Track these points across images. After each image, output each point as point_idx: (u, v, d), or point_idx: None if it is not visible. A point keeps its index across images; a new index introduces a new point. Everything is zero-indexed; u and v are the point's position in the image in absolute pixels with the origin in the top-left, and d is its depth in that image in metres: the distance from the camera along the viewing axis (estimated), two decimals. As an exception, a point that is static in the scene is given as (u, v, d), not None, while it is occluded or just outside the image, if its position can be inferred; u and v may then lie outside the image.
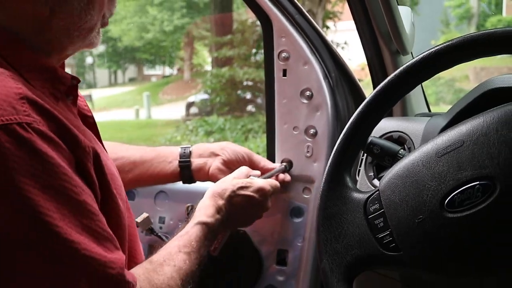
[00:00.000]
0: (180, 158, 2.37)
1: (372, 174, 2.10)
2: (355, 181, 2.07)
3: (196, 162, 2.37)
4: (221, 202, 2.09)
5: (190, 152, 2.39)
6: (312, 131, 2.42)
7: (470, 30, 27.45)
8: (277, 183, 2.31)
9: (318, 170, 2.42)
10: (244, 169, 2.27)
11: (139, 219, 2.48)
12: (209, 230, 1.98)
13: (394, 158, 1.77)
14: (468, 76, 22.09)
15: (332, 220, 1.57)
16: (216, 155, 2.38)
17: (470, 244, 1.38)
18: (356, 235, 1.53)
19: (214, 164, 2.35)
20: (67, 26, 1.57)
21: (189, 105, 26.61)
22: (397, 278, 1.96)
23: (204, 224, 1.97)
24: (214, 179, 2.34)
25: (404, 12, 2.27)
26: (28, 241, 1.31)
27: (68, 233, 1.34)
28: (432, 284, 1.83)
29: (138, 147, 2.45)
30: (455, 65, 1.51)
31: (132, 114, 29.57)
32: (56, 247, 1.33)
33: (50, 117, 1.40)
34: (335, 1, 19.40)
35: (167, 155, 2.39)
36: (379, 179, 2.06)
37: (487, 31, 1.43)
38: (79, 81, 1.68)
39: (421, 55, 1.51)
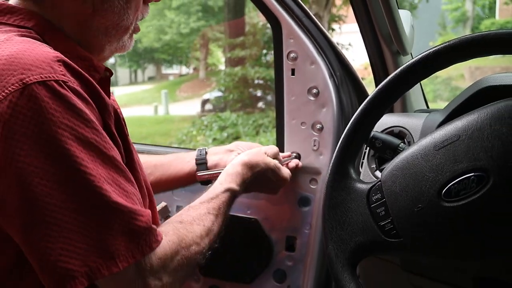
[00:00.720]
0: (196, 157, 2.35)
1: (374, 166, 2.09)
2: (358, 173, 2.06)
3: (212, 159, 2.35)
4: (249, 174, 2.09)
5: (205, 152, 2.37)
6: (318, 126, 2.41)
7: (466, 32, 27.35)
8: (290, 174, 2.33)
9: (324, 162, 2.42)
10: (275, 149, 2.29)
11: (157, 208, 2.48)
12: (234, 197, 1.99)
13: (395, 151, 1.77)
14: (463, 75, 22.01)
15: (337, 209, 1.57)
16: (231, 151, 2.36)
17: (465, 231, 1.38)
18: (360, 223, 1.53)
19: (230, 158, 2.31)
20: (107, 24, 1.62)
21: (204, 102, 26.60)
22: (398, 262, 1.96)
23: (233, 191, 1.98)
24: None
25: (404, 16, 2.27)
26: (63, 188, 1.32)
27: (100, 182, 1.36)
28: (430, 268, 1.83)
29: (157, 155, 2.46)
30: (451, 65, 1.51)
31: (151, 110, 29.56)
32: (90, 195, 1.35)
33: (83, 80, 1.45)
34: (340, 5, 19.36)
35: (185, 156, 2.38)
36: (380, 170, 2.05)
37: (481, 33, 1.42)
38: (112, 73, 1.70)
39: (420, 56, 1.51)
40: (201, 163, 2.34)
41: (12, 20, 1.54)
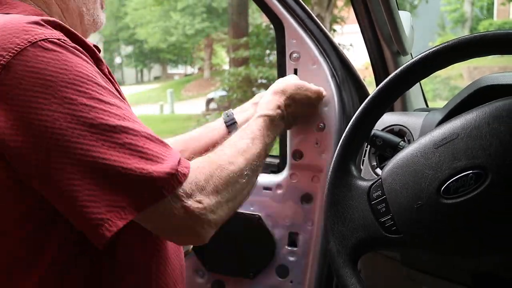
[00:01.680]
0: (225, 121, 2.34)
1: (375, 163, 2.10)
2: (359, 170, 2.06)
3: (241, 116, 2.33)
4: (281, 98, 2.09)
5: (232, 112, 2.36)
6: (320, 125, 2.41)
7: (464, 32, 27.37)
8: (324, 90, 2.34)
9: (326, 160, 2.42)
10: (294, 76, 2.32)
11: None
12: (271, 122, 1.97)
13: (395, 149, 1.77)
14: (462, 75, 22.05)
15: (339, 206, 1.57)
16: (256, 103, 2.29)
17: (463, 227, 1.38)
18: (361, 219, 1.53)
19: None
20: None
21: (209, 101, 26.69)
22: (398, 258, 1.96)
23: (267, 116, 1.97)
24: None
25: (404, 16, 2.27)
26: (71, 138, 1.33)
27: (107, 121, 1.37)
28: (429, 263, 1.83)
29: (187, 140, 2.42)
30: (450, 65, 1.51)
31: (157, 109, 29.66)
32: (102, 134, 1.36)
33: (78, 39, 1.48)
34: (341, 6, 19.37)
35: (213, 125, 2.37)
36: (381, 168, 2.05)
37: (479, 33, 1.42)
38: (100, 50, 1.68)
39: (420, 56, 1.51)
40: (231, 123, 2.33)
41: None
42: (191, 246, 2.50)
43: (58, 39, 1.39)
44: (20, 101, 1.31)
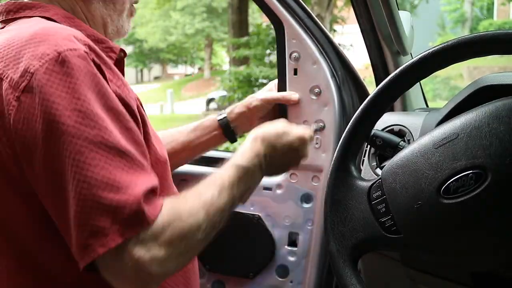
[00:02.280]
0: (218, 118, 2.39)
1: (375, 163, 2.10)
2: (359, 170, 2.06)
3: (232, 113, 2.40)
4: (261, 146, 1.87)
5: (224, 111, 2.41)
6: (320, 125, 2.42)
7: (464, 32, 27.39)
8: (311, 132, 2.09)
9: (326, 160, 2.43)
10: (282, 121, 2.11)
11: None
12: (244, 173, 1.78)
13: (395, 149, 1.77)
14: (462, 75, 22.06)
15: (339, 206, 1.57)
16: (247, 105, 2.40)
17: (463, 227, 1.39)
18: (361, 219, 1.53)
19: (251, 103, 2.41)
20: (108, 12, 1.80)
21: (209, 101, 26.70)
22: (398, 258, 1.96)
23: (239, 167, 1.78)
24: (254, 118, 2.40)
25: (404, 17, 2.27)
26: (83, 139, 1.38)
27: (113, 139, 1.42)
28: (429, 263, 1.84)
29: (179, 131, 2.48)
30: (450, 65, 1.51)
31: (157, 109, 29.65)
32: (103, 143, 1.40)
33: (99, 55, 1.54)
34: (341, 6, 19.37)
35: (208, 124, 2.43)
36: (381, 168, 2.06)
37: (479, 33, 1.43)
38: (126, 54, 1.79)
39: (420, 56, 1.51)
40: (222, 118, 2.41)
41: (31, 14, 1.66)
42: None
43: (84, 52, 1.46)
44: (38, 110, 1.39)
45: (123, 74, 1.73)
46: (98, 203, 1.37)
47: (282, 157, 1.95)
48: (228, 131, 2.42)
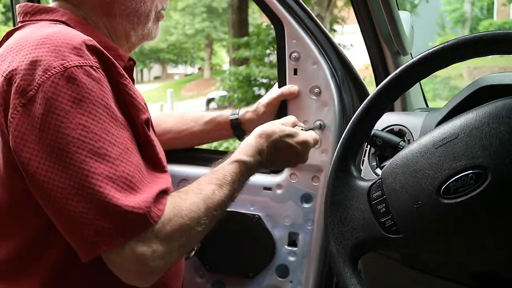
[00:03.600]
0: (230, 118, 2.49)
1: (375, 163, 2.10)
2: (359, 170, 2.06)
3: (244, 117, 2.49)
4: (264, 144, 1.95)
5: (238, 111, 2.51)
6: (320, 124, 2.42)
7: (464, 32, 27.37)
8: (317, 137, 2.15)
9: (326, 160, 2.43)
10: (292, 118, 2.15)
11: None
12: (246, 168, 1.86)
13: (395, 149, 1.77)
14: (462, 75, 22.05)
15: (339, 206, 1.57)
16: (265, 104, 2.47)
17: (463, 227, 1.38)
18: (361, 219, 1.53)
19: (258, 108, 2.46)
20: (127, 11, 1.85)
21: (209, 101, 26.71)
22: (398, 258, 1.96)
23: (242, 162, 1.86)
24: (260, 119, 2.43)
25: (404, 16, 2.27)
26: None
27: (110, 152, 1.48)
28: (429, 263, 1.83)
29: (194, 119, 2.57)
30: (450, 65, 1.51)
31: (157, 109, 29.64)
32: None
33: (110, 64, 1.61)
34: (341, 6, 19.37)
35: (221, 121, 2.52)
36: (381, 168, 2.05)
37: (479, 34, 1.43)
38: (135, 62, 1.89)
39: (420, 55, 1.51)
40: (234, 118, 2.51)
41: (47, 17, 1.74)
42: (193, 252, 2.50)
43: (97, 68, 1.54)
44: (42, 120, 1.46)
45: (132, 81, 1.77)
46: (104, 205, 1.42)
47: (283, 157, 2.01)
48: (238, 131, 2.50)
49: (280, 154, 2.00)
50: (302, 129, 2.11)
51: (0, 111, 1.52)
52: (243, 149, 1.91)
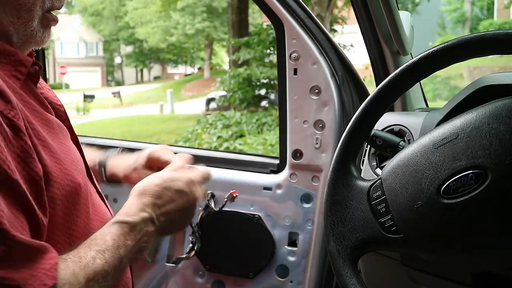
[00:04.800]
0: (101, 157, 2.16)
1: (375, 163, 2.10)
2: (359, 170, 2.07)
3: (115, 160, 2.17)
4: (146, 199, 1.71)
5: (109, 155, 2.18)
6: (320, 124, 2.42)
7: (464, 32, 27.41)
8: (208, 170, 1.96)
9: (326, 160, 2.43)
10: (180, 162, 1.93)
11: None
12: (130, 229, 1.61)
13: (395, 149, 1.76)
14: (462, 75, 22.06)
15: (339, 206, 1.57)
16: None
17: (463, 227, 1.38)
18: (361, 219, 1.53)
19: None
20: (10, 19, 1.57)
21: (209, 100, 26.76)
22: (398, 258, 1.96)
23: (123, 223, 1.61)
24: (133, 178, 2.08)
25: (404, 16, 2.27)
26: None
27: None
28: (429, 263, 1.84)
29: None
30: (450, 65, 1.51)
31: (157, 109, 29.73)
32: None
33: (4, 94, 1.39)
34: (341, 6, 19.39)
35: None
36: (381, 168, 2.06)
37: (479, 34, 1.42)
38: (41, 67, 1.64)
39: (420, 56, 1.51)
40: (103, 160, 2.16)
41: None
42: (193, 252, 2.50)
43: None
44: None
45: (34, 94, 1.61)
46: None
47: (175, 205, 1.78)
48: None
49: (171, 203, 1.77)
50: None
51: None
52: (123, 209, 1.68)
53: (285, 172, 2.56)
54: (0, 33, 1.57)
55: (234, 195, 2.49)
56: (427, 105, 2.64)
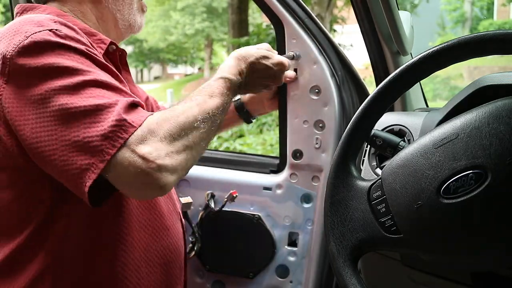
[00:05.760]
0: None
1: (375, 163, 2.09)
2: (359, 170, 2.06)
3: (245, 97, 2.58)
4: (243, 65, 2.05)
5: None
6: (320, 124, 2.42)
7: (464, 33, 27.37)
8: (289, 62, 2.35)
9: (326, 160, 2.43)
10: (266, 45, 2.25)
11: (183, 200, 2.50)
12: (231, 85, 1.93)
13: (395, 149, 1.76)
14: (462, 75, 22.03)
15: (339, 206, 1.57)
16: None
17: (463, 227, 1.38)
18: (361, 219, 1.52)
19: None
20: (115, 7, 1.95)
21: (209, 100, 26.71)
22: (398, 258, 1.96)
23: (227, 79, 1.93)
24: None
25: (404, 17, 2.27)
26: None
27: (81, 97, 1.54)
28: (429, 263, 1.83)
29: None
30: (450, 65, 1.51)
31: (157, 109, 29.63)
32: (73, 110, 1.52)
33: (76, 31, 1.71)
34: (341, 6, 19.36)
35: None
36: (381, 168, 2.05)
37: (479, 34, 1.42)
38: (120, 49, 1.93)
39: (420, 56, 1.51)
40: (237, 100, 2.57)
41: (31, 13, 1.81)
42: (193, 252, 2.51)
43: (57, 30, 1.63)
44: (19, 83, 1.55)
45: (115, 67, 1.87)
46: (84, 134, 1.48)
47: (260, 78, 2.14)
48: (243, 113, 2.54)
49: (257, 76, 2.12)
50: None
51: None
52: (225, 68, 1.99)
53: (285, 172, 2.56)
54: (109, 20, 1.96)
55: (234, 195, 2.49)
56: (427, 105, 2.64)
